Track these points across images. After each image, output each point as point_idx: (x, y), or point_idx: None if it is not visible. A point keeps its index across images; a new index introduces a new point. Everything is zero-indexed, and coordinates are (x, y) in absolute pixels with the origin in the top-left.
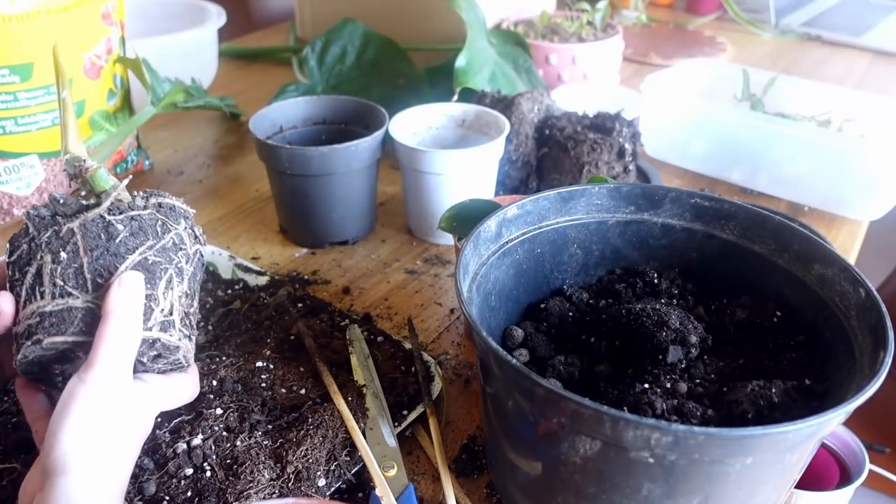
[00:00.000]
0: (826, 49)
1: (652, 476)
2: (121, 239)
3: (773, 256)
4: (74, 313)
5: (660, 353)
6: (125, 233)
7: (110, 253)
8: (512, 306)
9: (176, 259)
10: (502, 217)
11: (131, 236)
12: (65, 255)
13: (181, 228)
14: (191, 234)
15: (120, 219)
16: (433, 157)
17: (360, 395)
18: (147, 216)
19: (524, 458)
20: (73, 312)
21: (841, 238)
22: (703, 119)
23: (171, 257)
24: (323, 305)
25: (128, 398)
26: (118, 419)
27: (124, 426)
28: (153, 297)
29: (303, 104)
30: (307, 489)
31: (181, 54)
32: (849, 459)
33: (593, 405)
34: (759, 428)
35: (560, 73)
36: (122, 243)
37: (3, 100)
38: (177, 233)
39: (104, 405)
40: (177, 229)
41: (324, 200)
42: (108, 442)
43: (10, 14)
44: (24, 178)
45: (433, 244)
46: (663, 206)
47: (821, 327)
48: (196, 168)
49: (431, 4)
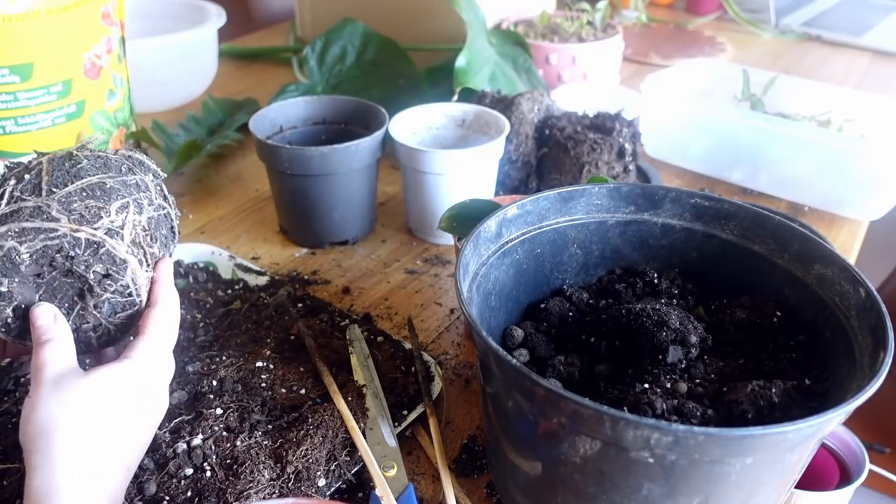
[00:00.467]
0: (826, 49)
1: (652, 476)
2: (83, 166)
3: (773, 256)
4: (23, 211)
5: (660, 353)
6: (88, 164)
7: (70, 175)
8: (512, 306)
9: (137, 196)
10: (502, 217)
11: (94, 168)
12: (28, 177)
13: (147, 178)
14: (158, 189)
15: (86, 154)
16: (433, 157)
17: (360, 395)
18: (114, 158)
19: (524, 458)
20: (22, 211)
21: (841, 238)
22: (703, 119)
23: (131, 192)
24: (323, 305)
25: (90, 392)
26: (82, 416)
27: (100, 421)
28: (105, 209)
29: (303, 104)
30: (307, 489)
31: (181, 54)
32: (849, 459)
33: (593, 405)
34: (759, 428)
35: (560, 73)
36: (83, 169)
37: (3, 100)
38: (141, 178)
39: (54, 406)
40: (142, 176)
41: (324, 200)
42: (86, 430)
43: (10, 14)
44: None
45: (433, 244)
46: (663, 206)
47: (821, 327)
48: (196, 168)
49: (431, 4)
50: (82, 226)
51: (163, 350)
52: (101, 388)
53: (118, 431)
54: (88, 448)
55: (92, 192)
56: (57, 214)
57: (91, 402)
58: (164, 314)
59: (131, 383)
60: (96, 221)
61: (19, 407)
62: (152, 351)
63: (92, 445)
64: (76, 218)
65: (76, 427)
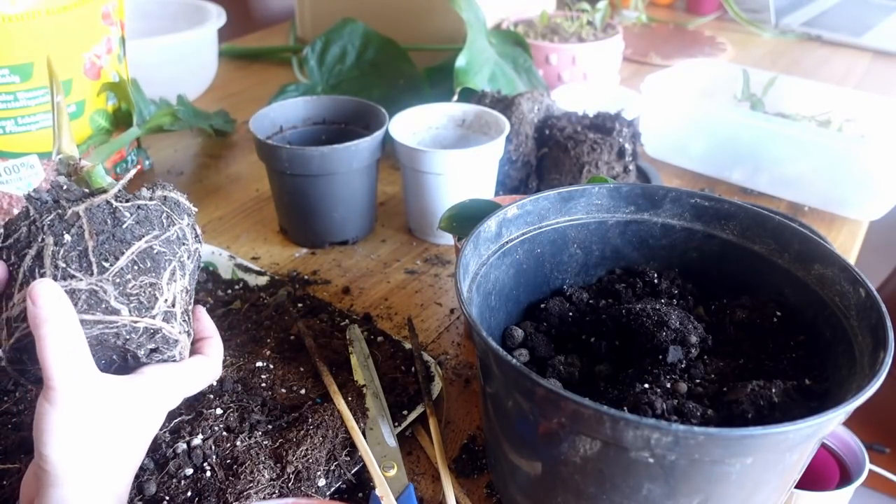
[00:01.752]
0: (826, 49)
1: (652, 476)
2: (127, 225)
3: (773, 256)
4: (78, 295)
5: (660, 353)
6: (131, 220)
7: (116, 238)
8: (512, 306)
9: (179, 253)
10: (502, 217)
11: (137, 224)
12: (69, 237)
13: (185, 224)
14: (192, 231)
15: (127, 206)
16: (433, 157)
17: (360, 395)
18: (153, 207)
19: (524, 458)
20: (76, 294)
21: (841, 238)
22: (703, 119)
23: (174, 250)
24: (323, 305)
25: (108, 399)
26: (103, 422)
27: (115, 427)
28: (157, 286)
29: (303, 104)
30: (307, 489)
31: (181, 54)
32: (849, 459)
33: (593, 405)
34: (760, 428)
35: (560, 73)
36: (128, 230)
37: (3, 100)
38: (180, 227)
39: (78, 416)
40: (181, 224)
41: (324, 200)
42: (96, 448)
43: (10, 14)
44: (24, 178)
45: (433, 244)
46: (663, 206)
47: (821, 327)
48: (196, 168)
49: (431, 4)
50: (142, 316)
51: (185, 389)
52: (115, 401)
53: (125, 444)
54: (99, 464)
55: (143, 262)
56: (116, 304)
57: (105, 415)
58: (207, 366)
59: (141, 401)
60: (153, 306)
61: (19, 407)
62: (174, 383)
63: (103, 460)
64: (135, 307)
65: (90, 443)
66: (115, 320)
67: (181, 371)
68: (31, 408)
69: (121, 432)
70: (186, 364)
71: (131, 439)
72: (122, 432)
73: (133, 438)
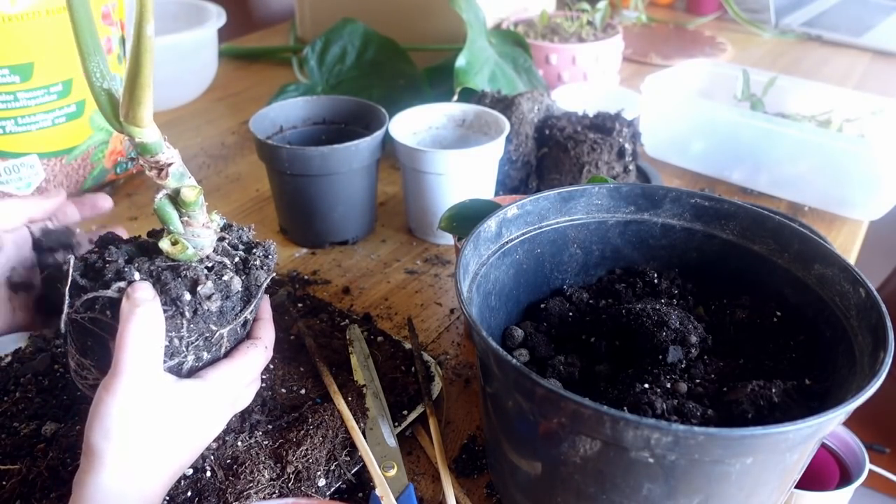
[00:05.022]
0: (826, 49)
1: (652, 476)
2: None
3: (773, 256)
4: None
5: (660, 353)
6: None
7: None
8: (512, 306)
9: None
10: (502, 217)
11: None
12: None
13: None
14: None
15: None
16: (433, 157)
17: (360, 395)
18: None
19: (524, 458)
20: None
21: (841, 238)
22: (703, 119)
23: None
24: (323, 305)
25: (167, 397)
26: (156, 420)
27: (167, 426)
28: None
29: (303, 104)
30: (307, 489)
31: (181, 54)
32: (849, 459)
33: (593, 405)
34: (760, 428)
35: (560, 73)
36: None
37: (3, 100)
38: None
39: (134, 408)
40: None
41: (324, 200)
42: (143, 444)
43: (10, 14)
44: (24, 178)
45: (433, 244)
46: (663, 206)
47: (821, 327)
48: (196, 168)
49: (431, 4)
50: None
51: (240, 381)
52: (174, 401)
53: (175, 446)
54: (147, 460)
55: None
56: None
57: (161, 413)
58: (256, 351)
59: (199, 404)
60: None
61: (19, 407)
62: (229, 379)
63: (151, 457)
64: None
65: (142, 436)
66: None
67: (232, 365)
68: (31, 407)
69: (173, 433)
70: (236, 355)
71: (182, 442)
72: (174, 433)
73: (184, 441)
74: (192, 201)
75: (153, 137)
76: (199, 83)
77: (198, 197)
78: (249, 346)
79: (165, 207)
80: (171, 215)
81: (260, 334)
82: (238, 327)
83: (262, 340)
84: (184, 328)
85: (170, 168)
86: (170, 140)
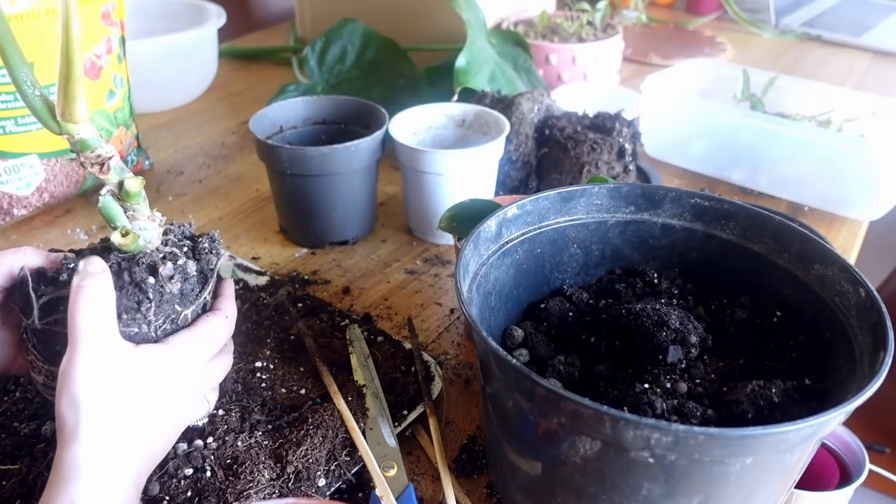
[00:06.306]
0: (826, 49)
1: (652, 476)
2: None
3: (773, 256)
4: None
5: (660, 353)
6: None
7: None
8: (512, 306)
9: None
10: (502, 217)
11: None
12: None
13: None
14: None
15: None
16: (433, 157)
17: (360, 395)
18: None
19: (524, 458)
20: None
21: (841, 238)
22: (703, 119)
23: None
24: (323, 305)
25: (129, 364)
26: (121, 388)
27: (134, 395)
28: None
29: (303, 104)
30: (307, 489)
31: (181, 54)
32: (849, 459)
33: (593, 405)
34: (760, 428)
35: (560, 73)
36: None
37: (3, 100)
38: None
39: (97, 377)
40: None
41: (324, 200)
42: (112, 409)
43: (10, 14)
44: (24, 178)
45: (433, 244)
46: (663, 206)
47: (821, 327)
48: (196, 168)
49: (431, 4)
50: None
51: (203, 348)
52: (137, 365)
53: (146, 415)
54: (118, 428)
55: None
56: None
57: (126, 378)
58: (217, 319)
59: (163, 369)
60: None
61: (19, 406)
62: (192, 344)
63: (121, 425)
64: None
65: (109, 403)
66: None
67: (194, 331)
68: (31, 407)
69: (141, 400)
70: (198, 323)
71: (152, 412)
72: (141, 400)
73: (154, 412)
74: (136, 192)
75: (91, 133)
76: (199, 83)
77: (140, 187)
78: (210, 315)
79: (110, 204)
80: (117, 211)
81: (221, 306)
82: (199, 309)
83: (222, 311)
84: (151, 312)
85: (110, 161)
86: (170, 140)
